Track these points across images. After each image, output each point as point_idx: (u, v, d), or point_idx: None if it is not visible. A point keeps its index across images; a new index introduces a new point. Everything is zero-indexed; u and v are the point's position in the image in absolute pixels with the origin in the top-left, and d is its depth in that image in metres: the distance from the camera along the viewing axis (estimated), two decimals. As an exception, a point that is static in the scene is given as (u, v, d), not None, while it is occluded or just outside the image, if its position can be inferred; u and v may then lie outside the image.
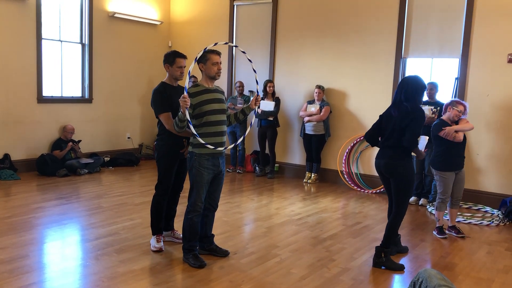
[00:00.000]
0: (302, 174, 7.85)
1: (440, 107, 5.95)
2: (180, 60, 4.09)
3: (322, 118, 7.31)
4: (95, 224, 4.89)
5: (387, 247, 4.04)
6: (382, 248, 4.03)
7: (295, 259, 4.14)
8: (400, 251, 4.38)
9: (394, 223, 4.07)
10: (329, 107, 7.36)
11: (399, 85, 4.10)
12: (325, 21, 7.61)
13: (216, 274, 3.73)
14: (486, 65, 6.33)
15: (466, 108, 4.97)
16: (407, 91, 3.98)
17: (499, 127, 6.27)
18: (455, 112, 4.89)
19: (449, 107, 4.97)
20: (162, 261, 3.97)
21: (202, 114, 3.75)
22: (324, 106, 7.33)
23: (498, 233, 5.23)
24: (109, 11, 8.41)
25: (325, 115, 7.32)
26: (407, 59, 7.02)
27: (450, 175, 4.88)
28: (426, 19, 6.78)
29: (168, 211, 4.40)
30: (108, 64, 8.50)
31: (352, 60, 7.40)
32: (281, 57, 8.12)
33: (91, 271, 3.71)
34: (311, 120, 7.37)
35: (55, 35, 7.79)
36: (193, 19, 9.24)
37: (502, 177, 6.30)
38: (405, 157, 3.99)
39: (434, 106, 6.14)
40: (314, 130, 7.41)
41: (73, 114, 8.04)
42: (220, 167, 3.90)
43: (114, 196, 6.12)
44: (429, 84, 6.11)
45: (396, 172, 4.00)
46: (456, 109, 4.89)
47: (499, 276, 3.96)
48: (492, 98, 6.30)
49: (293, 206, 6.06)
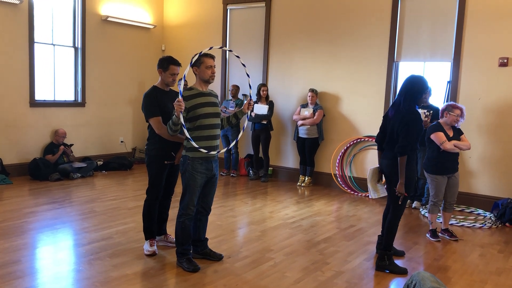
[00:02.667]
0: (296, 178, 7.86)
1: (433, 111, 5.91)
2: (174, 67, 4.08)
3: (315, 121, 7.33)
4: (88, 229, 4.86)
5: (389, 250, 4.04)
6: (385, 252, 4.03)
7: (289, 263, 4.13)
8: (395, 254, 4.37)
9: (390, 225, 4.07)
10: (322, 110, 7.39)
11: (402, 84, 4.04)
12: (318, 25, 7.64)
13: (210, 278, 3.72)
14: (478, 68, 6.37)
15: (463, 111, 4.90)
16: (406, 90, 3.92)
17: (491, 130, 6.32)
18: (453, 118, 4.86)
19: (445, 113, 4.91)
20: (155, 265, 3.95)
21: (196, 117, 3.75)
22: (318, 109, 7.34)
23: (490, 236, 5.26)
24: (102, 14, 8.39)
25: (318, 119, 7.34)
26: (399, 63, 7.06)
27: (442, 178, 4.88)
28: (418, 23, 6.82)
29: (160, 215, 4.39)
30: (101, 68, 8.47)
31: (345, 63, 7.43)
32: (274, 60, 8.14)
33: (84, 275, 3.69)
34: (305, 124, 7.38)
35: (48, 38, 7.76)
36: (187, 23, 9.24)
37: (494, 179, 6.34)
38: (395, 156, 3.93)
39: (427, 109, 6.03)
40: (307, 133, 7.41)
41: (66, 118, 8.01)
42: (213, 171, 3.90)
43: (107, 200, 6.09)
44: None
45: (395, 174, 3.98)
46: (453, 114, 4.85)
47: (491, 278, 3.98)
48: (484, 102, 6.35)
49: (287, 209, 6.06)
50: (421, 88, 3.94)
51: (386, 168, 4.07)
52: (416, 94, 3.93)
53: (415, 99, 3.94)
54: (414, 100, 3.94)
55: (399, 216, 4.08)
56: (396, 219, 4.07)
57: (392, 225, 4.07)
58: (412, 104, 3.94)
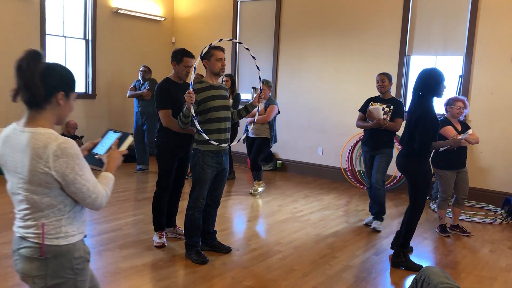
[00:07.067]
0: (305, 171, 7.84)
1: (394, 106, 4.93)
2: (188, 59, 4.07)
3: (266, 119, 6.03)
4: (98, 220, 4.90)
5: (405, 247, 4.00)
6: (401, 249, 3.99)
7: (297, 256, 4.14)
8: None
9: (410, 223, 3.99)
10: (275, 106, 6.17)
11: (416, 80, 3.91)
12: (329, 18, 7.59)
13: (218, 270, 3.74)
14: (491, 63, 6.30)
15: (465, 102, 4.86)
16: (422, 85, 3.80)
17: (503, 125, 6.25)
18: (456, 110, 4.83)
19: (448, 107, 4.89)
20: (164, 257, 3.98)
21: (206, 110, 3.75)
22: (270, 105, 6.14)
23: (501, 232, 5.22)
24: (113, 7, 8.41)
25: (270, 116, 6.02)
26: (411, 57, 6.99)
27: (451, 173, 4.83)
28: (430, 16, 6.75)
29: (170, 208, 4.41)
30: (111, 60, 8.50)
31: (356, 57, 7.38)
32: (285, 54, 8.11)
33: (93, 266, 3.72)
34: (257, 122, 6.02)
35: (59, 31, 7.80)
36: (197, 16, 9.23)
37: (505, 175, 6.28)
38: (419, 155, 3.85)
39: (387, 104, 4.98)
40: (256, 133, 6.18)
41: (77, 110, 8.05)
42: (223, 164, 3.90)
43: (116, 192, 6.13)
44: (380, 75, 5.05)
45: (408, 171, 3.94)
46: (455, 107, 4.83)
47: (501, 275, 3.95)
48: (496, 96, 6.28)
49: (295, 203, 6.06)
50: (438, 79, 3.80)
51: (399, 165, 4.02)
52: (434, 86, 3.79)
53: (434, 91, 3.80)
54: (434, 92, 3.81)
55: (418, 214, 3.98)
56: (415, 218, 3.99)
57: (411, 223, 3.99)
58: (431, 97, 3.82)
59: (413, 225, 4.01)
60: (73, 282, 1.82)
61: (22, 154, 1.71)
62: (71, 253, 1.80)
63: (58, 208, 1.77)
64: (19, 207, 1.80)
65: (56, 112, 1.82)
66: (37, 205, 1.75)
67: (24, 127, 1.76)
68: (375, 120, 4.90)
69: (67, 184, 1.73)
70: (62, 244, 1.78)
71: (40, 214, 1.76)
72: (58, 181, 1.72)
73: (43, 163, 1.68)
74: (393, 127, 4.91)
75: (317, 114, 7.81)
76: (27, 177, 1.71)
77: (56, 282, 1.78)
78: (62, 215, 1.79)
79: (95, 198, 1.81)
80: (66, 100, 1.83)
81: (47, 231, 1.76)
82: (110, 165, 1.98)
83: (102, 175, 1.93)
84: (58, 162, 1.69)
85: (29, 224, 1.77)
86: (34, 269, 1.77)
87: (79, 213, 1.85)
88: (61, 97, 1.80)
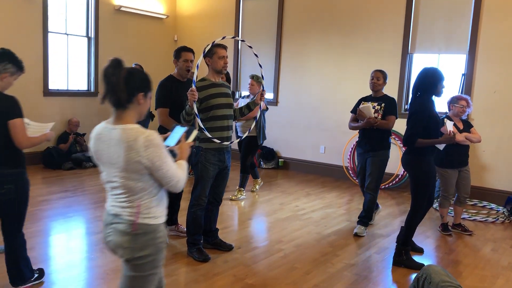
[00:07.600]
0: (307, 170, 7.83)
1: (385, 103, 4.73)
2: (185, 53, 4.07)
3: (251, 114, 5.39)
4: (100, 217, 4.89)
5: (406, 245, 3.99)
6: (402, 247, 3.98)
7: (299, 254, 4.14)
8: (414, 250, 4.26)
9: (410, 221, 3.98)
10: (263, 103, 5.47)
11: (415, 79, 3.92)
12: (331, 17, 7.58)
13: (220, 268, 3.74)
14: (494, 61, 6.28)
15: (468, 101, 4.86)
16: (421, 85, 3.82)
17: (506, 124, 6.23)
18: (459, 109, 4.83)
19: (451, 105, 4.90)
20: (166, 255, 3.93)
21: (209, 108, 3.74)
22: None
23: (503, 230, 5.21)
24: (115, 4, 8.41)
25: (255, 112, 5.18)
26: (413, 55, 6.98)
27: (452, 172, 4.82)
28: (433, 14, 6.73)
29: (172, 206, 4.39)
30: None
31: (358, 55, 7.37)
32: (287, 52, 8.10)
33: (96, 264, 3.73)
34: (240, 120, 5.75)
35: (61, 28, 7.80)
36: (199, 13, 9.23)
37: (508, 174, 6.27)
38: (420, 152, 3.84)
39: (378, 102, 4.77)
40: (243, 130, 5.94)
41: (79, 108, 8.07)
42: (226, 162, 3.90)
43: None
44: (375, 72, 4.89)
45: (409, 168, 3.94)
46: (457, 105, 4.83)
47: (503, 273, 3.94)
48: (499, 95, 6.26)
49: (297, 201, 6.06)
50: (437, 79, 3.81)
51: (403, 162, 4.02)
52: (433, 86, 3.81)
53: (432, 90, 3.82)
54: (432, 91, 3.83)
55: (418, 212, 3.97)
56: (415, 217, 3.98)
57: (411, 221, 3.98)
58: (429, 96, 3.84)
59: (413, 224, 4.00)
60: (153, 259, 2.08)
61: (117, 147, 1.99)
62: (156, 232, 2.08)
63: (149, 191, 2.05)
64: (115, 192, 2.08)
65: (137, 110, 2.08)
66: (132, 189, 2.03)
67: (114, 124, 2.05)
68: (365, 119, 4.69)
69: (155, 169, 1.99)
70: (151, 223, 2.07)
71: (135, 197, 2.04)
72: (147, 167, 1.98)
73: (135, 153, 1.95)
74: (385, 125, 4.65)
75: (319, 112, 7.80)
76: (122, 166, 1.99)
77: (141, 254, 2.05)
78: (152, 197, 2.07)
79: (177, 181, 2.09)
80: (145, 99, 2.09)
81: (141, 211, 2.05)
82: (182, 155, 2.27)
83: (178, 163, 2.19)
84: (148, 151, 1.95)
85: (125, 205, 2.05)
86: (125, 242, 2.04)
87: (163, 199, 2.16)
88: (141, 97, 2.06)
